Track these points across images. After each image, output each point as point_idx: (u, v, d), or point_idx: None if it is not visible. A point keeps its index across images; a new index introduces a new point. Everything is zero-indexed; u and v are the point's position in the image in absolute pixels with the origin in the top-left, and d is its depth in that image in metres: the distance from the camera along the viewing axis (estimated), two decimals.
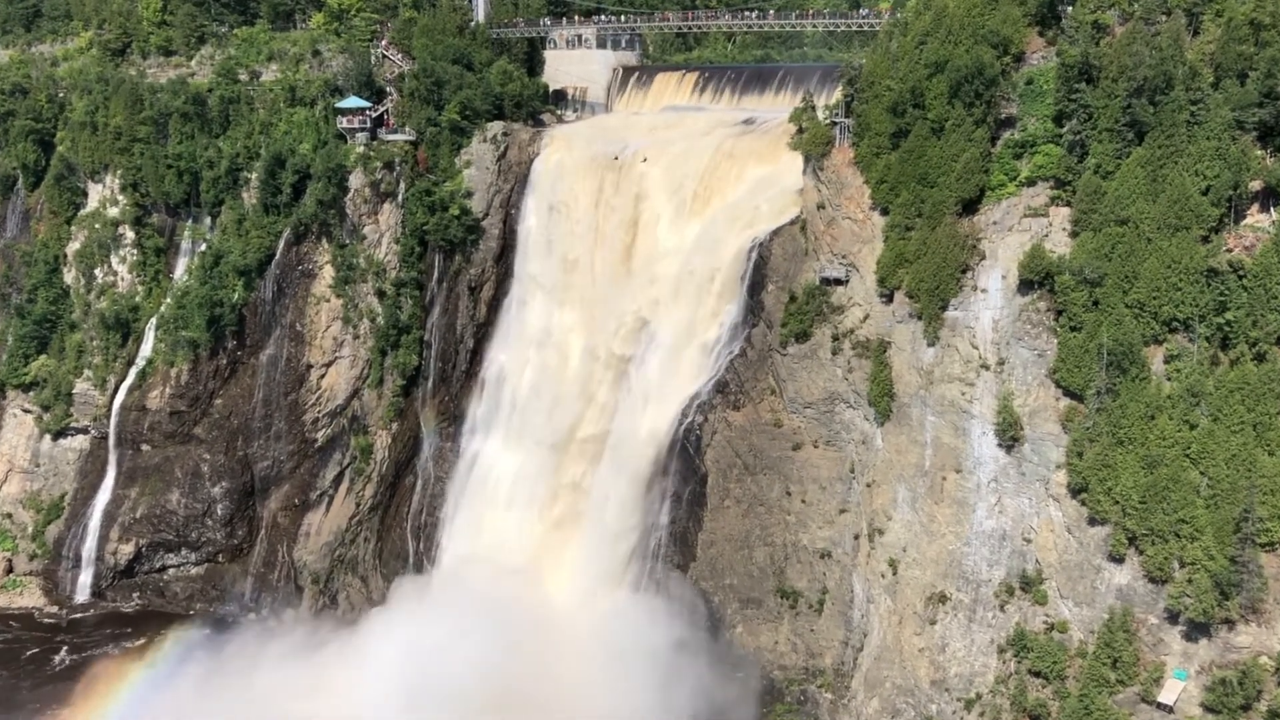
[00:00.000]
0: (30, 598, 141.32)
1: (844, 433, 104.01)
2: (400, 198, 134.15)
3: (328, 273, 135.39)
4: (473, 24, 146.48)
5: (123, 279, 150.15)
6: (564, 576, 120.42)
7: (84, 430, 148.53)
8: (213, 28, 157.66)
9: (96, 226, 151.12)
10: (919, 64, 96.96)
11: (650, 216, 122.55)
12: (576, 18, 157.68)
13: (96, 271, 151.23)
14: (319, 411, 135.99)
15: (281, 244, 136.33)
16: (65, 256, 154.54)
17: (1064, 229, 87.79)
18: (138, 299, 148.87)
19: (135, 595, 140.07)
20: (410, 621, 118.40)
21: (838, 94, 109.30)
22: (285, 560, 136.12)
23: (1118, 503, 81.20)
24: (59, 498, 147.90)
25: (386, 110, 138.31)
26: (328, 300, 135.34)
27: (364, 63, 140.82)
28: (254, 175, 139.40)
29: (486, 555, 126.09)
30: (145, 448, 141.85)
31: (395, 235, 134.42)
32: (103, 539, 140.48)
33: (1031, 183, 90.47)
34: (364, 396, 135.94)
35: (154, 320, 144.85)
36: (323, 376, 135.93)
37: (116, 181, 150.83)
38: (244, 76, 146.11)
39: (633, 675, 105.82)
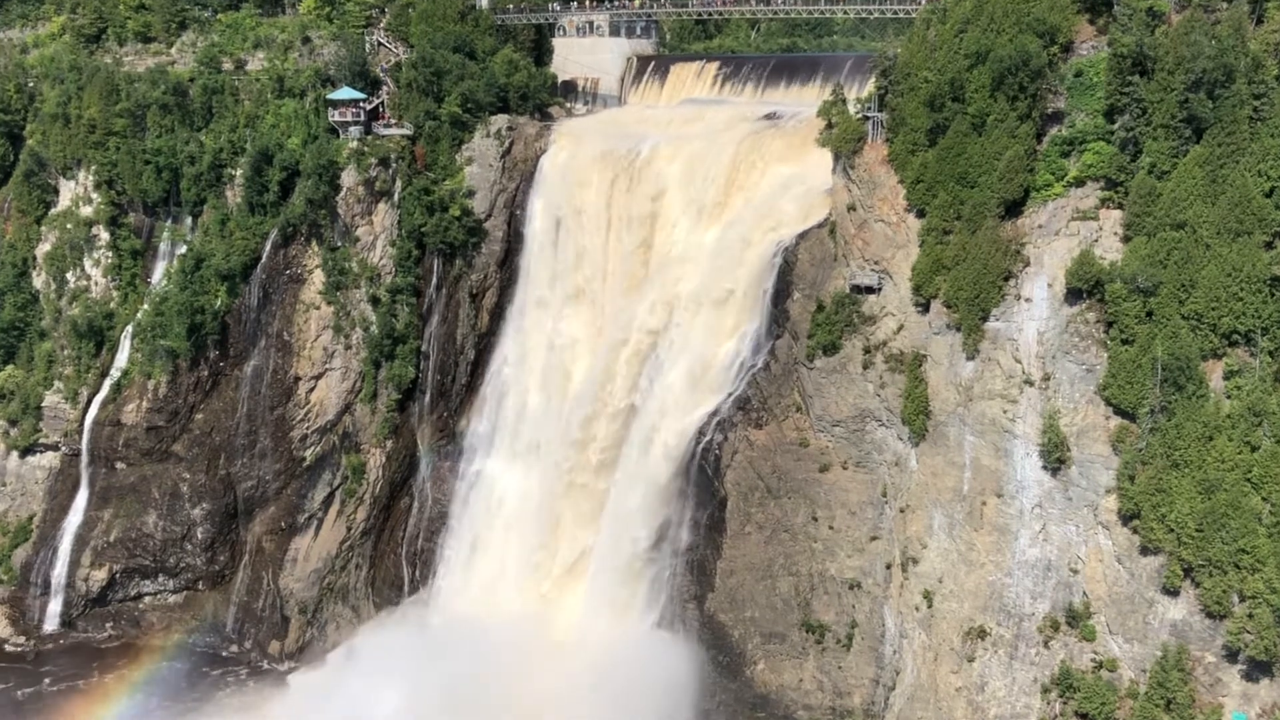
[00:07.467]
0: None
1: (875, 453, 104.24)
2: (396, 197, 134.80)
3: (318, 278, 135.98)
4: (475, 9, 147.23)
5: (96, 283, 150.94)
6: (571, 607, 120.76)
7: (54, 447, 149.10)
8: (195, 13, 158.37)
9: (68, 227, 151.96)
10: (958, 54, 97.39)
11: (667, 218, 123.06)
12: (588, 3, 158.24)
13: (68, 275, 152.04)
14: (307, 428, 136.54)
15: (268, 246, 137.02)
16: (34, 259, 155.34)
17: (1115, 233, 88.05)
18: (112, 305, 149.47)
19: (108, 625, 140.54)
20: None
21: (870, 86, 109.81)
22: (270, 588, 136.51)
23: (1172, 531, 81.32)
24: (26, 519, 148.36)
25: (382, 102, 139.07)
26: (317, 307, 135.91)
27: (358, 51, 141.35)
28: (238, 172, 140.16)
29: (487, 584, 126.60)
30: (120, 466, 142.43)
31: (391, 237, 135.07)
32: (74, 564, 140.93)
33: (1080, 183, 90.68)
34: (356, 412, 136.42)
35: (130, 328, 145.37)
36: (311, 390, 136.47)
37: (90, 178, 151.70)
38: (228, 65, 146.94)
39: (645, 715, 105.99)
